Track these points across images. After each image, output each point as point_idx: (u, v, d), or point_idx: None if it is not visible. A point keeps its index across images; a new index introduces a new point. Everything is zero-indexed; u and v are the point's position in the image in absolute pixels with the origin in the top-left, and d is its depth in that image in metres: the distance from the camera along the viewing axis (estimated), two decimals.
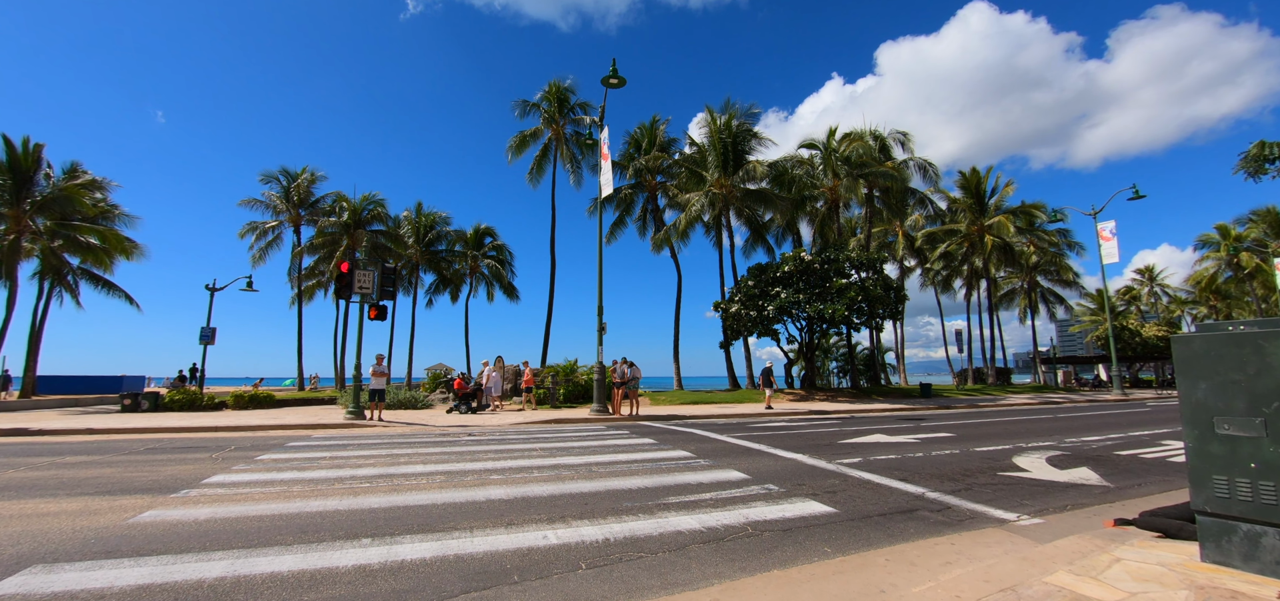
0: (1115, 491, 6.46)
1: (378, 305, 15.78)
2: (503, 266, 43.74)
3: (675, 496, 5.92)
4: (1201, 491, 3.70)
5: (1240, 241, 50.84)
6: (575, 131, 35.50)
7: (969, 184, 39.88)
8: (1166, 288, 63.18)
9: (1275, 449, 3.36)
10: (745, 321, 25.92)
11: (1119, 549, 4.08)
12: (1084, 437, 11.21)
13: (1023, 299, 47.43)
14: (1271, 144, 13.66)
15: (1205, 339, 3.66)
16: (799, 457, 8.48)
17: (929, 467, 7.75)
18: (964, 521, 5.13)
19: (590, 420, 15.55)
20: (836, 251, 26.18)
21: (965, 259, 41.09)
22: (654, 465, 7.79)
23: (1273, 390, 3.37)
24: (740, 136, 31.62)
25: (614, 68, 18.32)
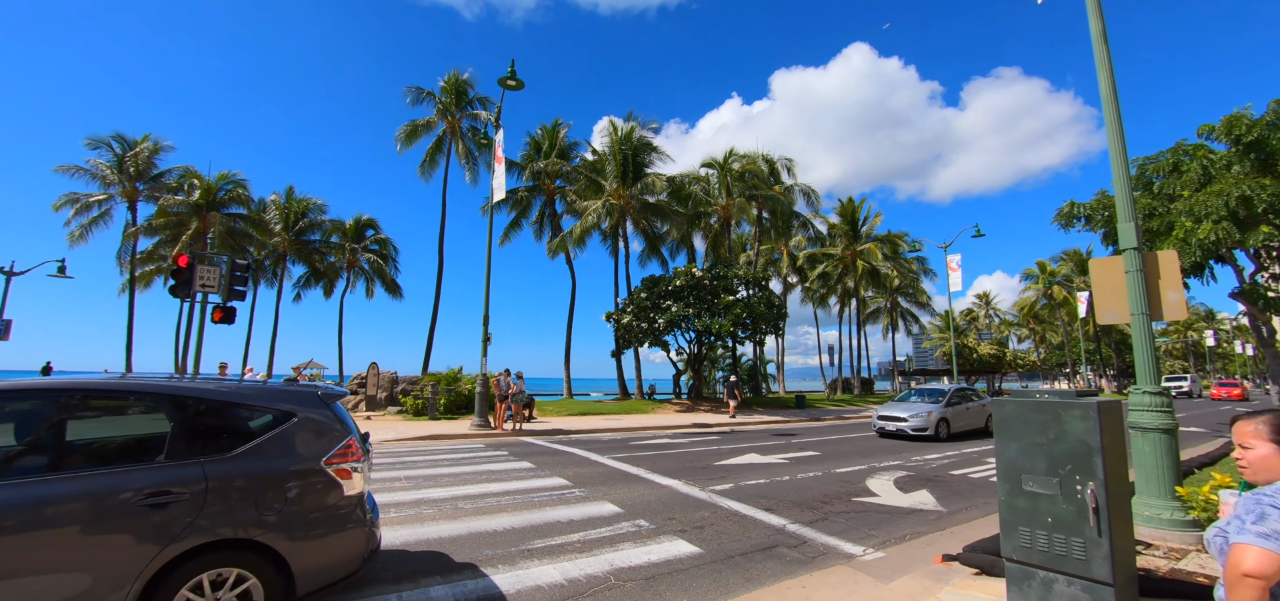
0: (948, 516, 7.14)
1: (225, 306, 13.88)
2: (386, 261, 40.78)
3: (542, 539, 5.66)
4: (1009, 540, 4.11)
5: (1054, 276, 60.23)
6: (472, 126, 33.97)
7: (845, 212, 43.55)
8: (998, 311, 73.17)
9: (1067, 506, 3.79)
10: (637, 332, 26.19)
11: (943, 590, 4.44)
12: (927, 455, 12.43)
13: (886, 317, 52.54)
14: (1079, 204, 16.30)
15: (1017, 404, 4.07)
16: (673, 485, 8.56)
17: (793, 494, 8.13)
18: (816, 558, 5.37)
19: (469, 436, 14.79)
20: (726, 268, 27.27)
21: (840, 279, 44.73)
22: (526, 498, 7.46)
23: (1066, 454, 3.81)
24: (640, 149, 32.00)
25: (512, 69, 17.68)
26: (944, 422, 14.86)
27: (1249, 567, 1.63)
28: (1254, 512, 1.71)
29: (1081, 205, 16.66)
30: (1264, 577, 1.61)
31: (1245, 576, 1.63)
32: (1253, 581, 1.62)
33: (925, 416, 14.62)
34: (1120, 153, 6.50)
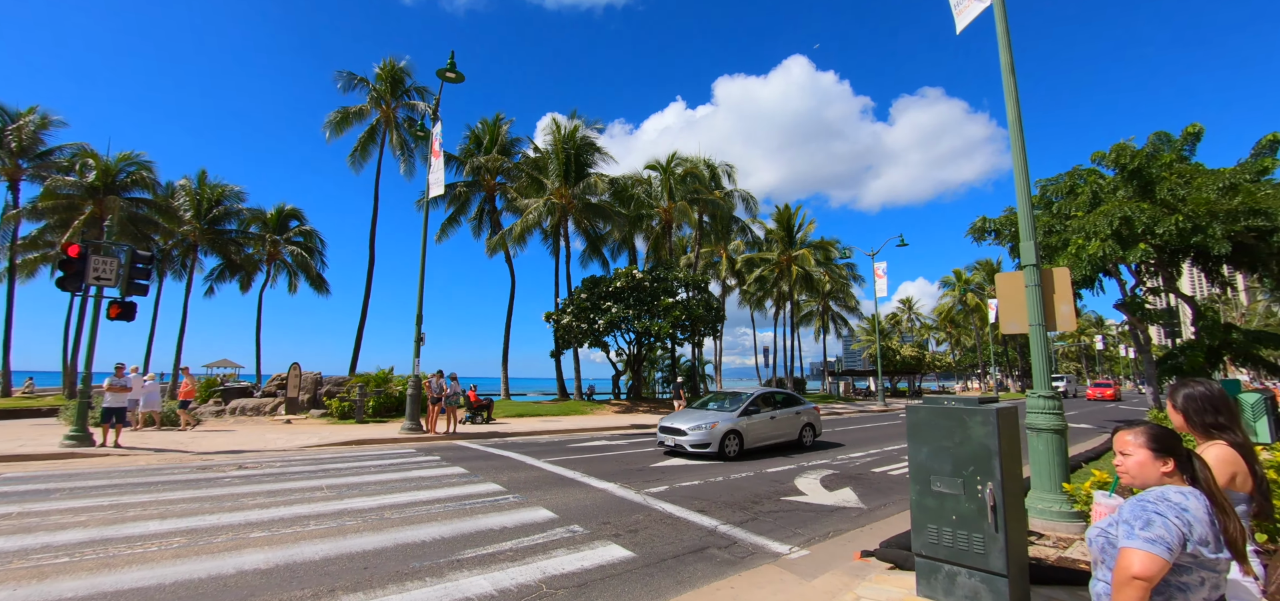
0: (868, 513, 7.54)
1: (124, 302, 12.69)
2: (311, 255, 38.51)
3: (473, 548, 5.54)
4: (919, 536, 4.40)
5: (968, 284, 64.81)
6: (409, 117, 32.71)
7: (782, 219, 45.11)
8: (920, 316, 77.88)
9: (969, 504, 4.11)
10: (577, 333, 26.06)
11: (861, 585, 4.70)
12: (851, 454, 13.08)
13: (818, 320, 54.80)
14: (989, 219, 17.69)
15: (927, 411, 4.37)
16: (609, 488, 8.59)
17: (725, 494, 8.35)
18: (745, 558, 5.55)
19: (400, 440, 14.24)
20: (667, 270, 27.59)
21: (776, 283, 46.26)
22: (458, 506, 7.28)
23: (970, 457, 4.13)
24: (583, 148, 31.85)
25: (452, 61, 17.16)
26: (733, 437, 11.76)
27: (1137, 570, 1.78)
28: (1141, 518, 1.86)
29: (991, 220, 18.04)
30: (1149, 579, 1.78)
31: (1134, 578, 1.79)
32: (1140, 582, 1.78)
33: (708, 429, 11.53)
34: (1023, 179, 7.10)
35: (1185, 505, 1.87)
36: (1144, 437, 2.09)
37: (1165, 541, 1.80)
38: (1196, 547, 1.82)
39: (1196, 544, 1.82)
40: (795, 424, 13.45)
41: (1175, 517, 1.84)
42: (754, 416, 12.48)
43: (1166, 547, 1.79)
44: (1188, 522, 1.83)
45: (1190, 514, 1.85)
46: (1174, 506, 1.87)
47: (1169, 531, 1.81)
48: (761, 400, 13.07)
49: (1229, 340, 16.05)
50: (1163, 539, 1.80)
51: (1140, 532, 1.83)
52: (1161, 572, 1.79)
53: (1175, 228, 14.16)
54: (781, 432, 13.05)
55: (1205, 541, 1.83)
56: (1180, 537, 1.81)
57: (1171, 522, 1.83)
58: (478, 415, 19.59)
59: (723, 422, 11.75)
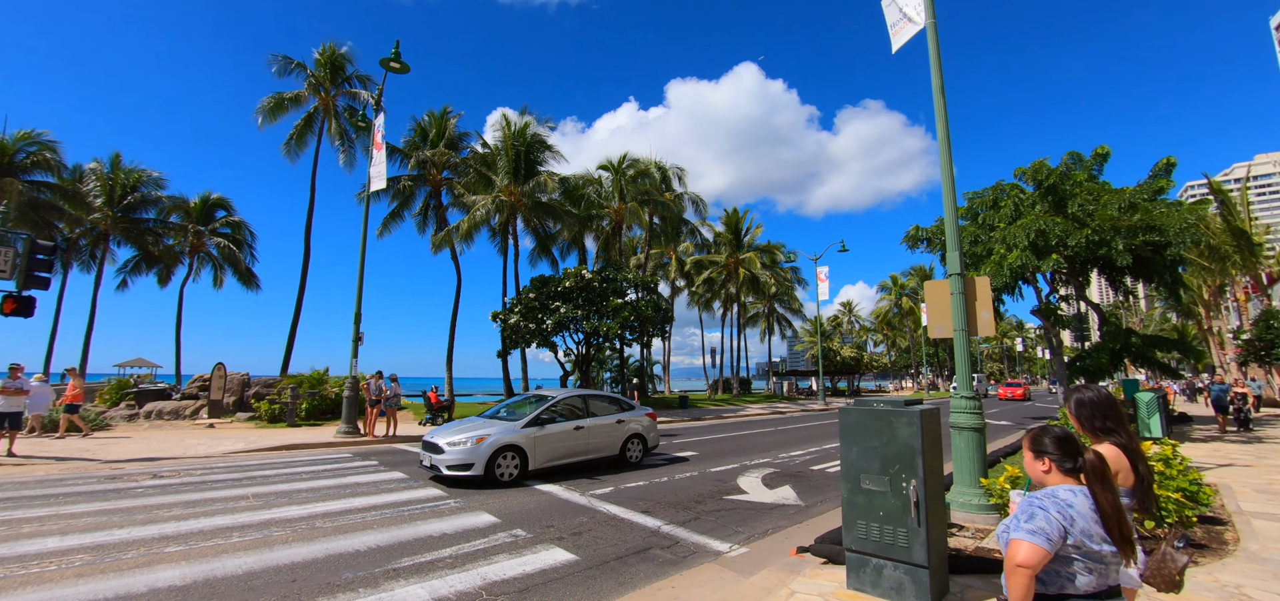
0: (805, 510, 7.81)
1: (20, 296, 11.57)
2: (240, 248, 36.23)
3: (410, 556, 5.39)
4: (850, 532, 4.62)
5: (903, 289, 68.14)
6: (350, 106, 31.28)
7: (730, 222, 46.04)
8: (859, 318, 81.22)
9: (895, 501, 4.34)
10: (525, 333, 25.72)
11: (796, 580, 4.88)
12: (792, 452, 13.51)
13: (764, 321, 56.21)
14: (922, 228, 18.71)
15: (858, 412, 4.59)
16: (554, 490, 8.54)
17: (670, 495, 8.46)
18: (687, 557, 5.65)
19: (335, 445, 13.64)
20: (616, 271, 27.62)
21: (723, 285, 47.14)
22: (395, 512, 7.06)
23: (896, 456, 4.36)
24: (534, 145, 31.44)
25: (397, 50, 16.60)
26: (511, 455, 9.20)
27: (1021, 559, 1.95)
28: (1027, 513, 2.04)
29: (924, 229, 19.05)
30: (1031, 567, 1.94)
31: (1018, 566, 1.95)
32: (1023, 571, 1.95)
33: (472, 445, 8.86)
34: (950, 193, 7.54)
35: (1071, 501, 2.04)
36: (1027, 441, 2.31)
37: (1046, 533, 1.96)
38: (1079, 538, 1.99)
39: (1079, 535, 1.99)
40: (614, 435, 10.86)
41: (1057, 512, 2.00)
42: (548, 428, 9.84)
43: (1047, 539, 1.95)
44: (1070, 517, 2.00)
45: (1074, 509, 2.01)
46: (1059, 502, 2.04)
47: (1050, 524, 1.97)
48: (564, 406, 10.48)
49: (1129, 344, 17.59)
50: (1044, 531, 1.96)
51: (1025, 525, 2.00)
52: (1043, 561, 1.95)
53: (1084, 241, 15.38)
54: (592, 447, 10.46)
55: (1089, 533, 1.99)
56: (1061, 530, 1.97)
57: (1053, 516, 1.99)
58: (438, 416, 19.21)
59: (496, 437, 9.09)
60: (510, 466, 9.19)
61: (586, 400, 11.02)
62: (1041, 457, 2.22)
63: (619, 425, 11.03)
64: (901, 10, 8.20)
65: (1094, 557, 2.01)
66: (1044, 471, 2.21)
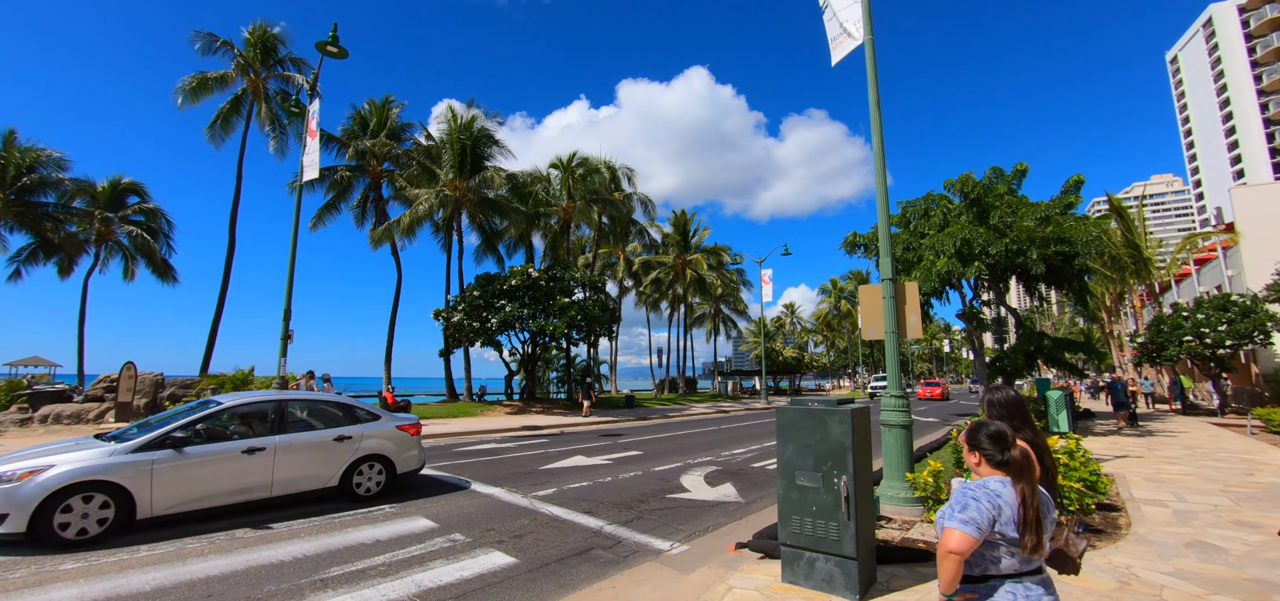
0: (746, 507, 8.00)
1: None
2: (155, 237, 33.55)
3: (340, 565, 5.16)
4: (785, 527, 4.77)
5: (842, 292, 70.95)
6: (282, 90, 29.54)
7: (678, 223, 46.56)
8: (801, 320, 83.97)
9: (827, 496, 4.51)
10: (468, 331, 25.11)
11: (733, 576, 4.99)
12: (735, 450, 13.80)
13: (710, 322, 57.17)
14: (859, 235, 19.57)
15: (793, 411, 4.74)
16: (495, 492, 8.39)
17: (613, 494, 8.48)
18: (629, 557, 5.68)
19: None
20: (564, 270, 27.38)
21: (671, 285, 47.62)
22: (324, 520, 6.73)
23: (829, 453, 4.53)
24: (481, 140, 30.72)
25: (335, 34, 15.81)
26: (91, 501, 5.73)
27: (953, 546, 2.09)
28: (959, 502, 2.18)
29: (861, 236, 19.91)
30: (961, 553, 2.09)
31: (949, 553, 2.09)
32: (953, 556, 2.09)
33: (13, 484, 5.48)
34: (883, 202, 7.92)
35: (1000, 492, 2.19)
36: (964, 436, 2.47)
37: (975, 522, 2.11)
38: (1004, 527, 2.14)
39: (1004, 524, 2.14)
40: (330, 459, 7.51)
41: (987, 502, 2.15)
42: (191, 452, 6.39)
43: (977, 527, 2.10)
44: (998, 506, 2.15)
45: (1002, 499, 2.16)
46: (990, 492, 2.18)
47: (980, 513, 2.12)
48: (232, 417, 7.05)
49: (1042, 346, 19.00)
50: (974, 520, 2.11)
51: (957, 515, 2.15)
52: (972, 548, 2.10)
53: (1004, 250, 16.49)
54: (286, 480, 7.09)
55: (1013, 522, 2.14)
56: (990, 519, 2.12)
57: (983, 506, 2.13)
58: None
59: (66, 470, 5.66)
60: (92, 518, 5.69)
61: (283, 408, 7.41)
62: (975, 451, 2.37)
63: (340, 444, 7.60)
64: (842, 25, 8.54)
65: (1015, 544, 2.17)
66: (976, 463, 2.37)
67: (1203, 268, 34.40)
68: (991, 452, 2.31)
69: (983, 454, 2.34)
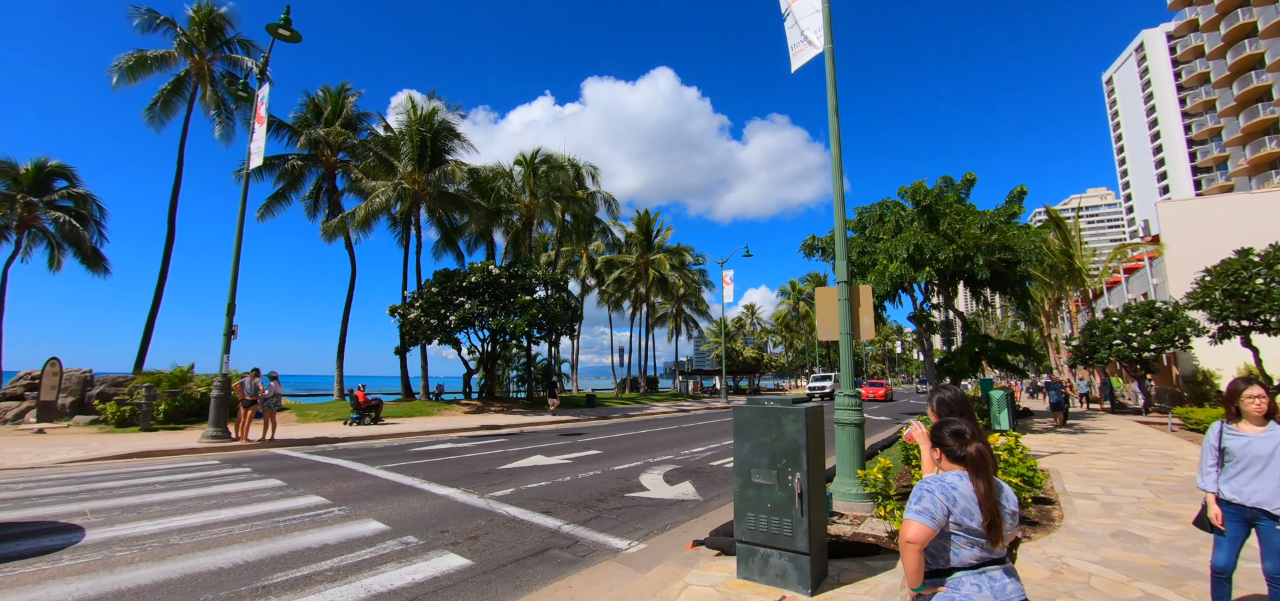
0: (704, 505, 8.08)
1: None
2: (84, 224, 31.38)
3: (285, 571, 4.95)
4: (741, 524, 4.84)
5: (801, 293, 72.55)
6: (229, 73, 28.08)
7: (641, 223, 46.68)
8: (761, 320, 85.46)
9: (782, 493, 4.61)
10: (426, 328, 24.53)
11: (690, 573, 5.04)
12: (694, 449, 13.94)
13: (672, 321, 57.55)
14: (817, 238, 20.10)
15: (750, 410, 4.82)
16: (451, 494, 8.22)
17: (572, 494, 8.43)
18: (586, 556, 5.65)
19: (199, 451, 12.24)
20: (526, 267, 27.06)
21: (633, 285, 47.70)
22: (269, 524, 6.45)
23: (783, 451, 4.63)
24: (442, 132, 30.03)
25: (287, 16, 15.19)
26: None
27: (909, 536, 2.18)
28: (917, 495, 2.27)
29: (820, 239, 20.43)
30: (918, 543, 2.18)
31: (908, 542, 2.19)
32: (912, 546, 2.18)
33: None
34: (840, 208, 8.12)
35: (956, 485, 2.28)
36: (928, 432, 2.59)
37: (931, 513, 2.20)
38: (960, 518, 2.23)
39: (960, 515, 2.23)
40: None
41: (942, 495, 2.24)
42: None
43: (932, 518, 2.20)
44: (954, 498, 2.24)
45: (958, 492, 2.26)
46: (945, 486, 2.28)
47: (935, 505, 2.21)
48: None
49: (986, 347, 19.92)
50: (928, 511, 2.20)
51: (914, 507, 2.24)
52: (928, 538, 2.19)
53: (952, 256, 17.21)
54: None
55: (969, 513, 2.24)
56: (945, 510, 2.22)
57: (938, 498, 2.23)
58: (365, 416, 18.73)
59: None
60: None
61: None
62: (936, 448, 2.48)
63: None
64: (803, 33, 8.72)
65: (974, 534, 2.27)
66: (937, 459, 2.48)
67: (1131, 276, 36.72)
68: (952, 448, 2.41)
69: (944, 450, 2.44)
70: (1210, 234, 24.34)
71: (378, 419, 19.16)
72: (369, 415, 18.81)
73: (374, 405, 19.17)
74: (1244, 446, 3.66)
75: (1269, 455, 3.56)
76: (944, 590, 2.27)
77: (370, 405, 19.06)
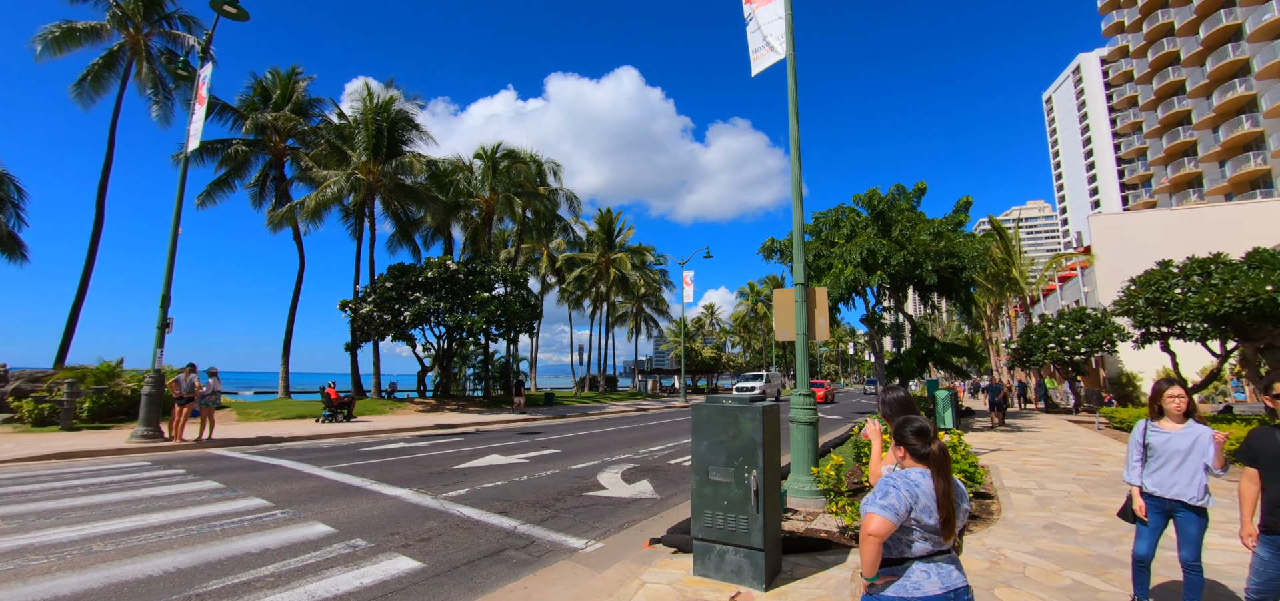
0: (661, 503, 8.12)
1: None
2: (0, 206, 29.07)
3: (221, 578, 4.70)
4: (698, 521, 4.88)
5: (759, 295, 73.92)
6: (168, 49, 26.48)
7: (603, 222, 46.54)
8: (720, 321, 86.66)
9: (738, 490, 4.66)
10: (379, 324, 23.76)
11: (647, 571, 5.04)
12: (652, 447, 13.99)
13: (632, 321, 57.64)
14: (776, 241, 20.51)
15: (709, 408, 4.86)
16: (402, 495, 7.98)
17: (529, 493, 8.32)
18: (543, 556, 5.59)
19: (129, 451, 11.49)
20: (485, 263, 26.58)
21: (594, 283, 47.52)
22: (204, 528, 6.11)
23: (740, 449, 4.68)
24: (399, 122, 29.13)
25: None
26: None
27: (872, 529, 2.25)
28: (881, 490, 2.35)
29: (778, 241, 20.85)
30: (880, 536, 2.25)
31: (870, 535, 2.25)
32: (873, 538, 2.25)
33: None
34: (799, 211, 8.29)
35: (918, 482, 2.36)
36: (892, 430, 2.66)
37: (894, 508, 2.28)
38: (919, 514, 2.32)
39: (920, 511, 2.32)
40: None
41: (906, 490, 2.32)
42: None
43: (894, 512, 2.27)
44: (916, 495, 2.33)
45: (920, 489, 2.34)
46: (909, 482, 2.36)
47: (898, 500, 2.29)
48: None
49: (933, 350, 20.76)
50: (892, 506, 2.28)
51: (878, 501, 2.31)
52: (890, 531, 2.27)
53: (903, 261, 17.86)
54: None
55: (928, 509, 2.33)
56: (907, 506, 2.30)
57: (902, 494, 2.31)
58: (337, 413, 18.52)
59: None
60: None
61: None
62: (900, 446, 2.55)
63: None
64: (765, 38, 8.86)
65: (929, 530, 2.36)
66: (900, 457, 2.55)
67: (1065, 284, 38.98)
68: (915, 446, 2.50)
69: (907, 448, 2.52)
70: (1136, 246, 26.08)
71: (350, 416, 18.99)
72: (341, 412, 18.65)
73: (346, 403, 18.99)
74: (1165, 442, 3.93)
75: (1187, 450, 3.84)
76: (896, 580, 2.36)
77: (342, 402, 18.87)
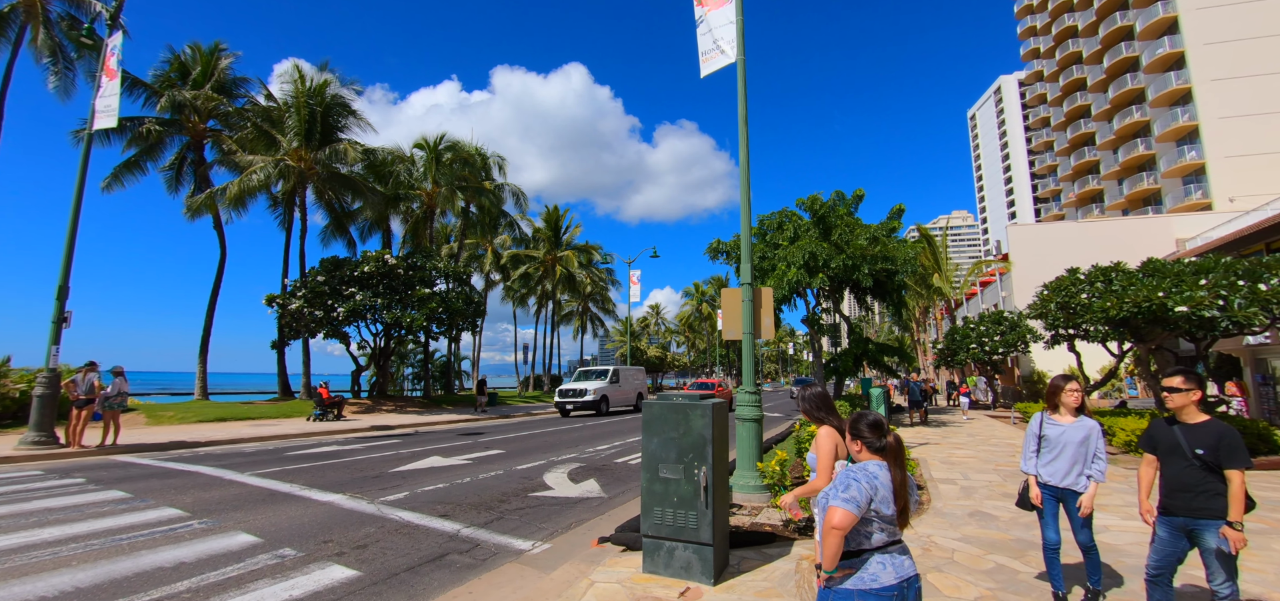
0: (609, 502, 8.08)
1: None
2: None
3: (127, 595, 4.29)
4: (647, 519, 4.87)
5: (705, 295, 75.15)
6: (70, 15, 24.00)
7: (550, 219, 45.97)
8: (665, 321, 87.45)
9: (688, 487, 4.69)
10: (310, 321, 22.51)
11: (596, 571, 4.99)
12: (598, 446, 13.92)
13: (578, 319, 57.27)
14: (722, 242, 20.89)
15: (660, 406, 4.86)
16: (336, 500, 7.58)
17: (472, 495, 8.09)
18: (488, 559, 5.43)
19: (16, 459, 10.35)
20: (426, 258, 25.67)
21: (540, 281, 46.88)
22: (109, 542, 5.57)
23: (690, 446, 4.71)
24: (334, 108, 27.68)
25: None
26: None
27: (836, 523, 2.29)
28: (843, 483, 2.39)
29: (724, 243, 21.22)
30: (844, 529, 2.29)
31: (833, 528, 2.29)
32: (835, 531, 2.29)
33: None
34: (746, 213, 8.44)
35: (877, 474, 2.44)
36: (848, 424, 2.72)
37: (856, 501, 2.33)
38: (879, 505, 2.40)
39: (879, 502, 2.40)
40: None
41: (866, 482, 2.39)
42: None
43: (856, 505, 2.33)
44: (875, 486, 2.40)
45: (879, 481, 2.42)
46: (869, 474, 2.43)
47: (860, 493, 2.35)
48: None
49: (867, 350, 21.72)
50: (855, 499, 2.34)
51: (841, 495, 2.36)
52: (852, 524, 2.33)
53: (842, 264, 18.58)
54: None
55: (886, 501, 2.41)
56: (867, 498, 2.37)
57: (863, 486, 2.37)
58: (328, 412, 18.26)
59: None
60: None
61: None
62: (856, 439, 2.61)
63: None
64: (715, 41, 8.97)
65: (886, 520, 2.45)
66: (857, 450, 2.61)
67: (986, 289, 41.77)
68: (871, 439, 2.57)
69: (863, 441, 2.59)
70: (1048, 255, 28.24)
71: (340, 415, 18.83)
72: (332, 411, 18.51)
73: (336, 402, 18.78)
74: (1059, 434, 4.25)
75: (1078, 442, 4.17)
76: (854, 573, 2.42)
77: (333, 401, 18.76)
